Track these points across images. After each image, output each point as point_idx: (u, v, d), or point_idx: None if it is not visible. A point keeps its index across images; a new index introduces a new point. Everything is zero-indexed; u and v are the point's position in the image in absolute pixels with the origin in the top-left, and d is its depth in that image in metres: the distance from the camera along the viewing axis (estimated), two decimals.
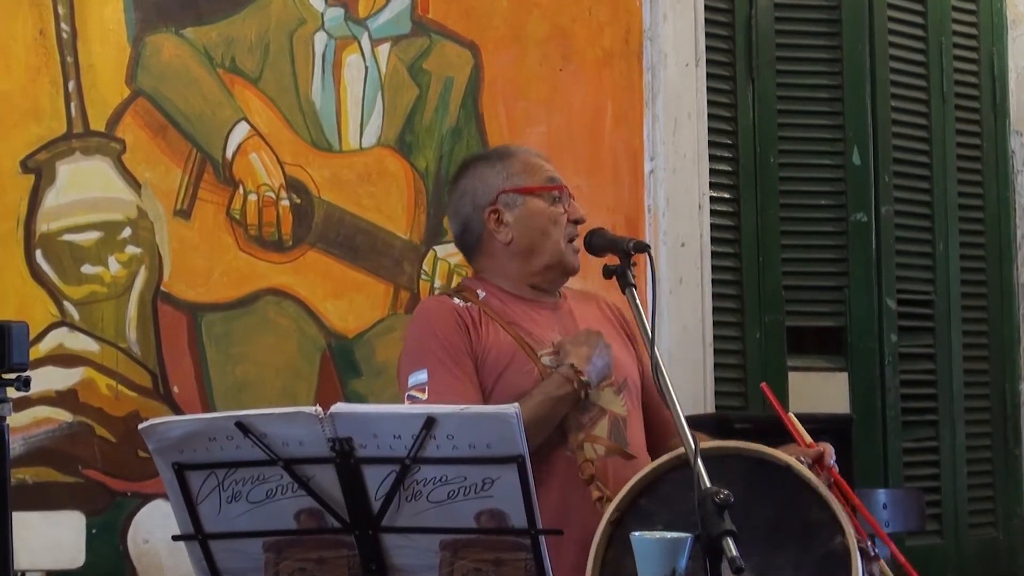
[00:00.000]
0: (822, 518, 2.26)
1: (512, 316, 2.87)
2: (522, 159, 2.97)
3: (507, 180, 2.95)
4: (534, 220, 2.92)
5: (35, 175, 3.64)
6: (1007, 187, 5.16)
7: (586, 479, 2.73)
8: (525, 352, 2.82)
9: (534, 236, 2.92)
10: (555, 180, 2.93)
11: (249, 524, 2.17)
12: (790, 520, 2.29)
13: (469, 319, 2.84)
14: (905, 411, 4.86)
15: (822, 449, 2.61)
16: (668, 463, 2.46)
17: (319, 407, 2.08)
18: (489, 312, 2.86)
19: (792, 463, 2.35)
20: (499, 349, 2.82)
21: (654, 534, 2.15)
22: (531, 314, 2.89)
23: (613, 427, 2.81)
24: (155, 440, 2.14)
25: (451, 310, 2.86)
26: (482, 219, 2.91)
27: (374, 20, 4.04)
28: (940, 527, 4.90)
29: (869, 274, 4.81)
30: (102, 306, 3.67)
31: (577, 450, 2.75)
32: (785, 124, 4.75)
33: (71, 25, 3.69)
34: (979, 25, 5.14)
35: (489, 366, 2.81)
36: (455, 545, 2.13)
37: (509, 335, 2.83)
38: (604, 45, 4.36)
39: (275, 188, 3.88)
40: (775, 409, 2.69)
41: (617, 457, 2.76)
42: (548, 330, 2.87)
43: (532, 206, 2.92)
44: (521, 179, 2.94)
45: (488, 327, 2.84)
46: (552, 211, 2.91)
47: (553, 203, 2.91)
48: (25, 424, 3.54)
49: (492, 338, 2.83)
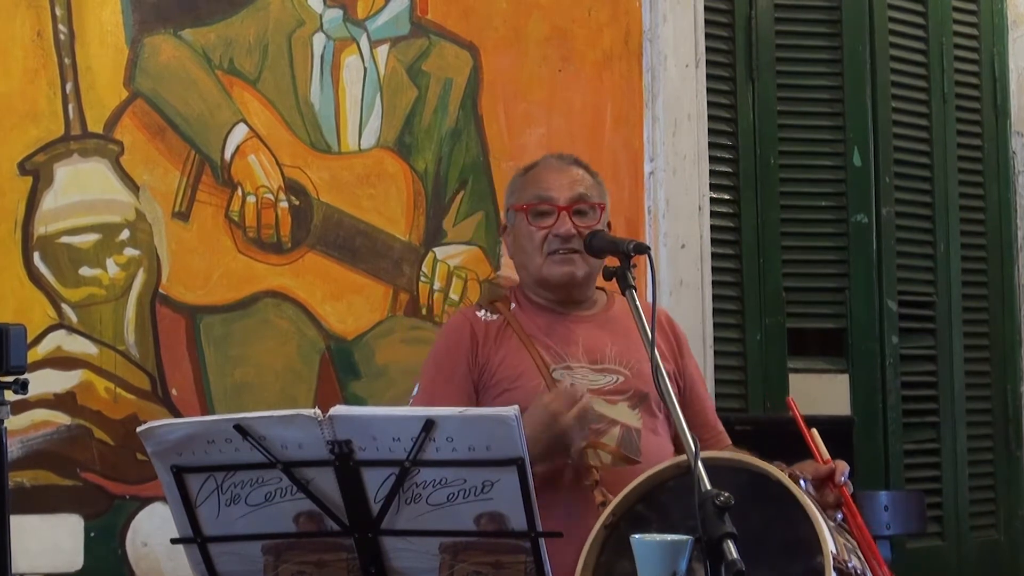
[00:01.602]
0: (806, 536, 2.25)
1: (533, 330, 2.91)
2: (531, 174, 3.00)
3: (510, 197, 3.01)
4: (518, 238, 2.97)
5: (33, 177, 3.63)
6: (1008, 188, 5.16)
7: (590, 484, 2.73)
8: (536, 367, 2.83)
9: (520, 254, 2.96)
10: (545, 197, 2.91)
11: (248, 527, 2.16)
12: (775, 535, 2.28)
13: (483, 334, 2.90)
14: (906, 413, 4.85)
15: (833, 467, 2.58)
16: (668, 471, 2.45)
17: (318, 410, 2.08)
18: (513, 325, 2.91)
19: (783, 479, 2.34)
20: (512, 364, 2.86)
21: (654, 536, 2.14)
22: (556, 326, 2.91)
23: (624, 437, 2.81)
24: (154, 443, 2.13)
25: (464, 325, 2.94)
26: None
27: (373, 21, 4.04)
28: (941, 529, 4.89)
29: (870, 275, 4.80)
30: (100, 308, 3.66)
31: (582, 457, 2.75)
32: (785, 125, 4.74)
33: (69, 27, 3.68)
34: (980, 26, 5.13)
35: (498, 379, 2.86)
36: (455, 548, 2.13)
37: (526, 350, 2.85)
38: (604, 46, 4.35)
39: (274, 190, 3.87)
40: (797, 423, 2.66)
41: (624, 464, 2.76)
42: (570, 344, 2.88)
43: (519, 224, 2.96)
44: (518, 196, 2.98)
45: (505, 342, 2.89)
46: (529, 228, 2.91)
47: (535, 219, 2.91)
48: (23, 427, 3.53)
49: (505, 352, 2.87)
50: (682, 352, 3.03)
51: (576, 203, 2.92)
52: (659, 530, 2.32)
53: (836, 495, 2.55)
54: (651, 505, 2.44)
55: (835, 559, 2.21)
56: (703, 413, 3.03)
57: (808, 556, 2.23)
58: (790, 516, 2.27)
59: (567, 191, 2.93)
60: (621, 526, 2.42)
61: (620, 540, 2.38)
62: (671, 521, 2.36)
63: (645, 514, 2.44)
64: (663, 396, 2.45)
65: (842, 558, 2.25)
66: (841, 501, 2.54)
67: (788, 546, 2.27)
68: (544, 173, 2.98)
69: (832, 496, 2.55)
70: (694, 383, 3.04)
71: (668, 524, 2.34)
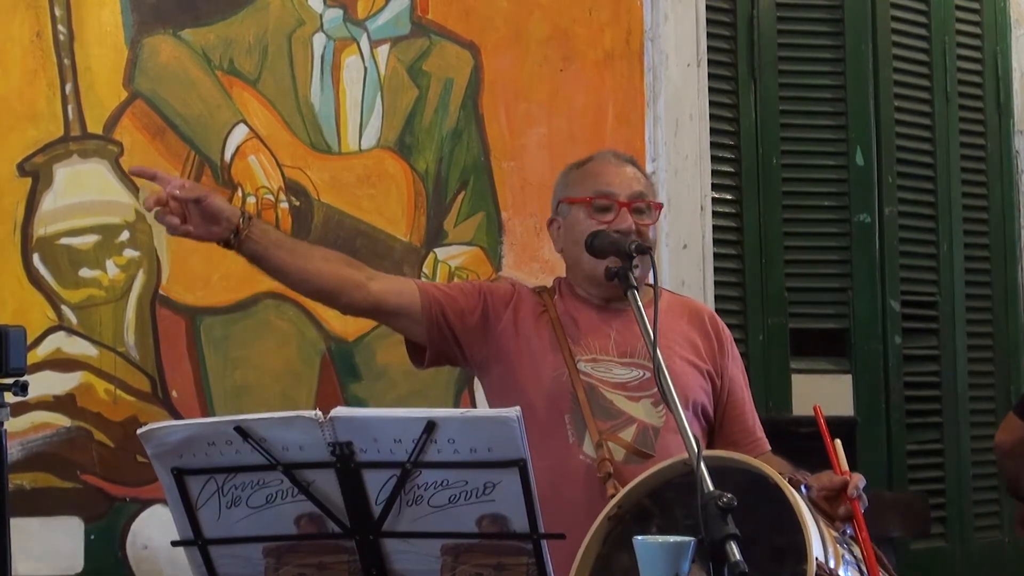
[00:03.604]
0: (798, 542, 2.24)
1: (568, 321, 2.91)
2: (589, 167, 2.98)
3: (565, 189, 2.98)
4: (572, 232, 2.93)
5: (32, 178, 3.62)
6: (1011, 187, 5.15)
7: (602, 477, 2.72)
8: (563, 356, 2.84)
9: (572, 248, 2.92)
10: (606, 191, 2.90)
11: (249, 529, 2.15)
12: (767, 540, 2.27)
13: (521, 300, 2.93)
14: (909, 413, 4.85)
15: (847, 479, 2.55)
16: (676, 467, 2.43)
17: (319, 411, 2.07)
18: (551, 312, 2.91)
19: (780, 482, 2.32)
20: (537, 340, 2.87)
21: (656, 538, 2.13)
22: (592, 319, 2.92)
23: (641, 434, 2.80)
24: (154, 445, 2.12)
25: (507, 285, 3.00)
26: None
27: (373, 21, 4.03)
28: (945, 530, 4.88)
29: (873, 275, 4.79)
30: (100, 310, 3.65)
31: (597, 449, 2.74)
32: (788, 125, 4.73)
33: (68, 27, 3.67)
34: (983, 25, 5.13)
35: (520, 347, 2.88)
36: (456, 550, 2.12)
37: (556, 337, 2.87)
38: (605, 46, 4.34)
39: (274, 190, 3.86)
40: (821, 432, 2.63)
41: (638, 459, 2.75)
42: (602, 337, 2.88)
43: (574, 216, 2.92)
44: (574, 189, 2.95)
45: (539, 322, 2.90)
46: (588, 222, 2.89)
47: (596, 213, 2.88)
48: (23, 429, 3.53)
49: (536, 329, 2.88)
50: (723, 352, 3.00)
51: (636, 200, 2.90)
52: (661, 526, 2.31)
53: (847, 509, 2.52)
54: (656, 500, 2.43)
55: (820, 567, 2.19)
56: (742, 418, 3.00)
57: (795, 562, 2.22)
58: (785, 521, 2.26)
59: (627, 187, 2.90)
60: (626, 519, 2.41)
61: (623, 533, 2.37)
62: (673, 517, 2.35)
63: (650, 509, 2.42)
64: (663, 394, 2.43)
65: (829, 567, 2.23)
66: (850, 514, 2.51)
67: (778, 551, 2.26)
68: (603, 168, 2.96)
69: (843, 508, 2.52)
70: (735, 386, 3.02)
71: (670, 520, 2.34)
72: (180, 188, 2.68)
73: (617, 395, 2.83)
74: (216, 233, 2.72)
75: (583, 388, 2.81)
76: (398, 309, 2.88)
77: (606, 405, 2.82)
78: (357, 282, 2.85)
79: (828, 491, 2.52)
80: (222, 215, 2.71)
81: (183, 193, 2.67)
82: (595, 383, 2.83)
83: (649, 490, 2.44)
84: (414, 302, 2.88)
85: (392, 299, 2.88)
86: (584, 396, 2.80)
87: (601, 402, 2.82)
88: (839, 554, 2.30)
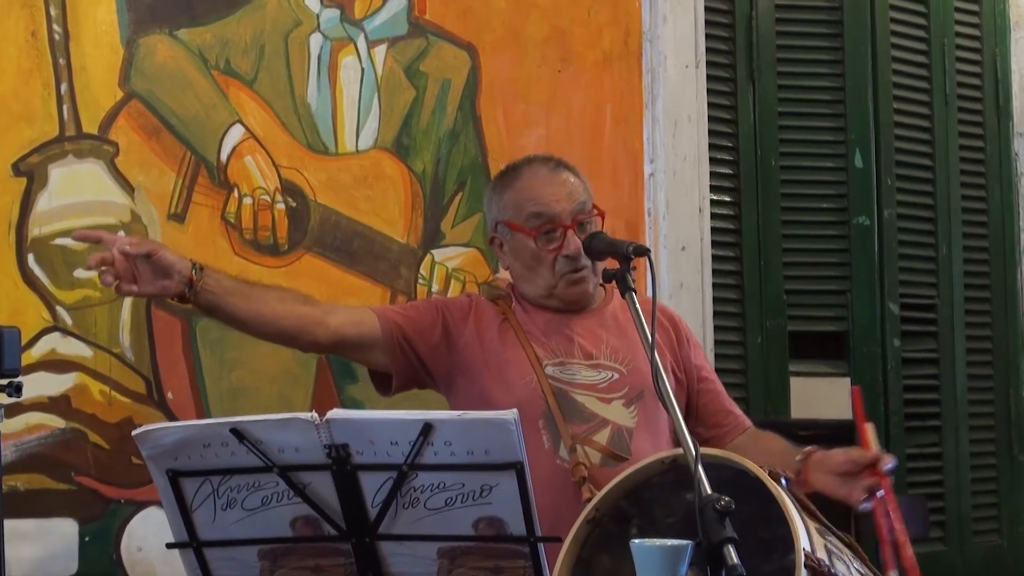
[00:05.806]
0: (783, 534, 2.24)
1: (531, 327, 2.90)
2: (522, 186, 2.93)
3: (500, 211, 2.95)
4: (520, 255, 2.92)
5: (27, 178, 3.61)
6: (1011, 190, 5.14)
7: (576, 481, 2.71)
8: (529, 361, 2.84)
9: (525, 270, 2.92)
10: (548, 216, 2.87)
11: (244, 532, 2.15)
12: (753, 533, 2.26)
13: (481, 312, 2.93)
14: (908, 416, 4.83)
15: (879, 454, 2.62)
16: (653, 466, 2.42)
17: (315, 413, 2.07)
18: (511, 321, 2.90)
19: (762, 476, 2.32)
20: (503, 348, 2.87)
21: (654, 541, 2.12)
22: (553, 324, 2.90)
23: (615, 436, 2.80)
24: (149, 447, 2.12)
25: (464, 299, 2.99)
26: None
27: (370, 21, 4.02)
28: (944, 534, 4.87)
29: (871, 278, 4.78)
30: (95, 311, 3.64)
31: (571, 453, 2.74)
32: (786, 127, 4.72)
33: (63, 27, 3.65)
34: (982, 27, 5.13)
35: (486, 358, 2.86)
36: (453, 553, 2.12)
37: (520, 345, 2.86)
38: (603, 47, 4.33)
39: (270, 191, 3.85)
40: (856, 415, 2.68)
41: (612, 464, 2.74)
42: (566, 341, 2.87)
43: (518, 241, 2.92)
44: (514, 212, 2.92)
45: (501, 331, 2.89)
46: (535, 250, 2.87)
47: (539, 240, 2.87)
48: (17, 430, 3.51)
49: (499, 338, 2.88)
50: (680, 342, 3.00)
51: (578, 215, 2.88)
52: (640, 527, 2.30)
53: (872, 481, 2.58)
54: (635, 502, 2.42)
55: (808, 557, 2.19)
56: (717, 399, 3.01)
57: (782, 555, 2.22)
58: (769, 514, 2.26)
59: (566, 204, 2.87)
60: (604, 521, 2.40)
61: (602, 536, 2.36)
62: (653, 517, 2.35)
63: (628, 510, 2.41)
64: (665, 403, 2.42)
65: (816, 557, 2.23)
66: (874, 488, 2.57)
67: (764, 544, 2.25)
68: (537, 186, 2.91)
69: (870, 483, 2.59)
70: (701, 372, 3.01)
71: (650, 521, 2.33)
72: (129, 244, 2.65)
73: (588, 397, 2.83)
74: (168, 287, 2.69)
75: (552, 393, 2.80)
76: (360, 340, 2.87)
77: (578, 408, 2.82)
78: (316, 319, 2.84)
79: (858, 465, 2.61)
80: (173, 268, 2.68)
81: (133, 249, 2.65)
82: (564, 387, 2.83)
83: (626, 491, 2.43)
84: (375, 329, 2.87)
85: (352, 331, 2.86)
86: (555, 401, 2.79)
87: (573, 405, 2.81)
88: (823, 543, 2.30)
